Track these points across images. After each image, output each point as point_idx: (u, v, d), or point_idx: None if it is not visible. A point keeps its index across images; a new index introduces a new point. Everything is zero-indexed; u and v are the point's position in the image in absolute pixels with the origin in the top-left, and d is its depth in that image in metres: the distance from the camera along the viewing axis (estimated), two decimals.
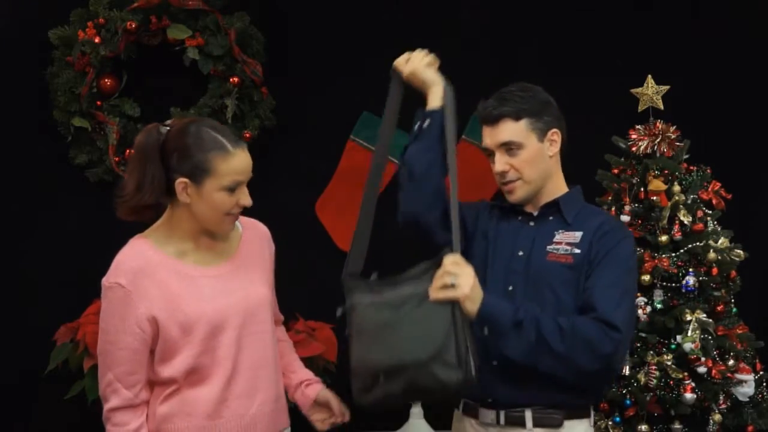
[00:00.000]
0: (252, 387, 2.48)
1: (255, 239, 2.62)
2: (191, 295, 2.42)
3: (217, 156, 2.37)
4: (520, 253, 2.61)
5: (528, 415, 2.55)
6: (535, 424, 2.54)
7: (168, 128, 2.44)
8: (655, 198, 3.81)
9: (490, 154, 2.65)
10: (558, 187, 2.70)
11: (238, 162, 2.40)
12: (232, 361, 2.44)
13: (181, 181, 2.39)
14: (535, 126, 2.62)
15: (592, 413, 2.64)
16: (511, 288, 2.58)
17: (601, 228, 2.59)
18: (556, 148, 2.67)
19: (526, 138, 2.61)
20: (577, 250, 2.56)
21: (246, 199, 2.44)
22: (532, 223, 2.66)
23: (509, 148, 2.60)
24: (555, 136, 2.66)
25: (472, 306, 2.37)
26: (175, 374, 2.42)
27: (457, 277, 2.35)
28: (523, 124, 2.60)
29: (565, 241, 2.58)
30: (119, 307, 2.40)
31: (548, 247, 2.60)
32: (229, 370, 2.44)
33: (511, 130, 2.60)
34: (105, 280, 2.43)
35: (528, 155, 2.61)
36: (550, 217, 2.65)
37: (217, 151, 2.37)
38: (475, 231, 2.70)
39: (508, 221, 2.69)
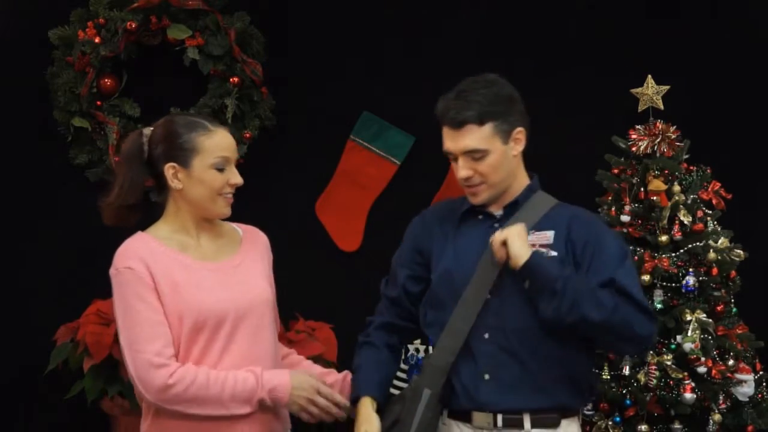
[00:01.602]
0: None
1: (255, 243, 2.65)
2: (192, 285, 2.46)
3: (200, 134, 2.48)
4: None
5: (526, 416, 2.51)
6: (533, 425, 2.51)
7: (152, 128, 2.55)
8: (655, 198, 3.81)
9: (454, 158, 2.55)
10: (521, 182, 2.61)
11: (220, 138, 2.51)
12: (220, 353, 2.46)
13: (169, 166, 2.48)
14: (500, 129, 2.51)
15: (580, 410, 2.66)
16: (490, 296, 2.52)
17: (573, 223, 2.55)
18: (521, 146, 2.57)
19: (491, 144, 2.50)
20: (554, 253, 2.51)
21: (236, 178, 2.52)
22: (497, 225, 2.57)
23: (473, 155, 2.51)
24: (520, 134, 2.56)
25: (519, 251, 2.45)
26: None
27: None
28: (487, 128, 2.49)
29: (539, 243, 2.51)
30: (134, 287, 2.43)
31: None
32: (215, 361, 2.45)
33: (475, 136, 2.49)
34: (113, 269, 2.48)
35: (493, 160, 2.51)
36: (515, 215, 2.57)
37: (199, 130, 2.49)
38: (431, 253, 2.63)
39: (470, 225, 2.61)
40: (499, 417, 2.51)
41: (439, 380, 2.52)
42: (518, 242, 2.45)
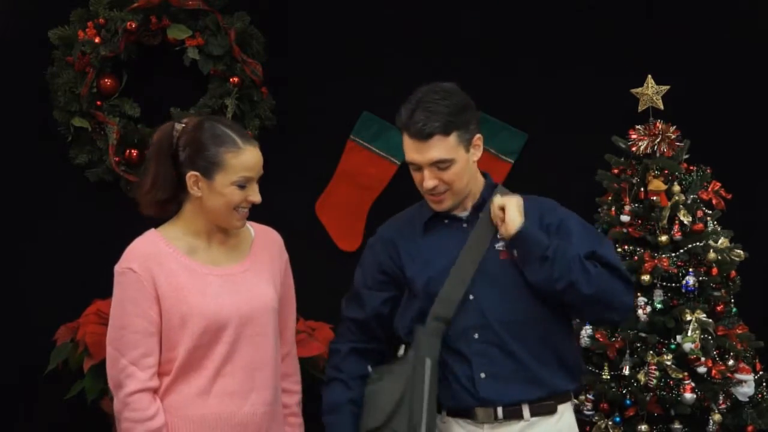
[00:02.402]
0: (246, 387, 2.49)
1: (267, 245, 2.65)
2: (197, 289, 2.47)
3: (228, 151, 2.46)
4: None
5: (525, 407, 2.57)
6: (532, 414, 2.57)
7: (183, 125, 2.52)
8: (655, 198, 3.81)
9: (417, 168, 2.59)
10: (480, 183, 2.68)
11: (248, 157, 2.48)
12: (223, 358, 2.47)
13: (192, 175, 2.47)
14: (463, 138, 2.56)
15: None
16: (472, 297, 2.57)
17: (543, 211, 2.62)
18: (479, 153, 2.63)
19: (455, 153, 2.55)
20: None
21: (255, 196, 2.51)
22: (465, 225, 2.63)
23: (439, 165, 2.55)
24: (479, 141, 2.62)
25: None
26: (171, 367, 2.46)
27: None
28: (452, 138, 2.54)
29: None
30: (131, 291, 2.45)
31: (496, 245, 2.60)
32: (218, 365, 2.46)
33: (442, 147, 2.54)
34: (117, 267, 2.50)
35: (457, 169, 2.56)
36: (480, 214, 2.63)
37: (228, 146, 2.46)
38: (400, 269, 2.68)
39: (437, 231, 2.66)
40: (499, 410, 2.57)
41: (437, 346, 2.55)
42: (515, 210, 2.54)
